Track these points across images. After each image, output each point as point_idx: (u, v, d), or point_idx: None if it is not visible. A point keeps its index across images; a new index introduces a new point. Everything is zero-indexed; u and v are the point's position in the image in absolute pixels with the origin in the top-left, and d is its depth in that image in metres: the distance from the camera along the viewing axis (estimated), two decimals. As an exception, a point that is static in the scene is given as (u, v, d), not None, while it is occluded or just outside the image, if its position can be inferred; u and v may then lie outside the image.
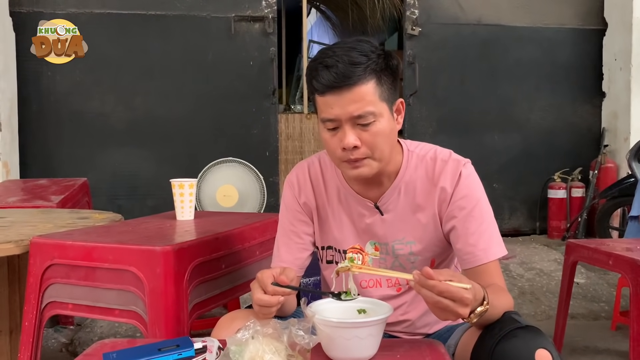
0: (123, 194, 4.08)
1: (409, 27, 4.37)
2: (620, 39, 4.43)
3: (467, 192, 1.21)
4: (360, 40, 1.16)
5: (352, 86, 1.10)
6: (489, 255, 1.19)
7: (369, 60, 1.12)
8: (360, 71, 1.10)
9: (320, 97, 1.14)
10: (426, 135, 4.38)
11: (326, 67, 1.11)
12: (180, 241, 1.41)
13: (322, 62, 1.12)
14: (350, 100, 1.11)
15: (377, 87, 1.13)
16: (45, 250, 1.46)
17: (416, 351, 1.04)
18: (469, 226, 1.20)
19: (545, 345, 1.01)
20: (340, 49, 1.13)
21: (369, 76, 1.11)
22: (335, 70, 1.10)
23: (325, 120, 1.15)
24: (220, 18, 4.17)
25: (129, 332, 2.64)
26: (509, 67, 4.55)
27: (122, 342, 1.11)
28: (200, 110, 4.18)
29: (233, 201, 3.11)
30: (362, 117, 1.12)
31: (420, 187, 1.24)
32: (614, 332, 2.64)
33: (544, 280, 3.40)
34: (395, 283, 1.29)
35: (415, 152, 1.27)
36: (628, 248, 2.05)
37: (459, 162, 1.24)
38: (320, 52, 1.16)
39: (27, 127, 3.95)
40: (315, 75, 1.13)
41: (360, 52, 1.12)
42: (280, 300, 1.08)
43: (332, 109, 1.13)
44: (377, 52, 1.14)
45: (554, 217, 4.44)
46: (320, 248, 1.35)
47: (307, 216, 1.32)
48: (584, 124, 4.66)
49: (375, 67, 1.12)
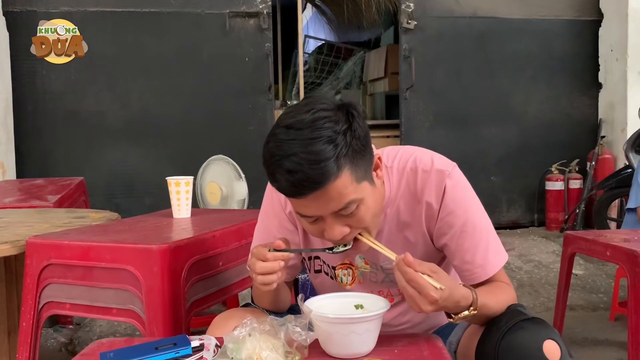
0: (120, 193, 4.07)
1: (404, 20, 4.36)
2: (616, 29, 4.42)
3: (454, 207, 1.12)
4: (317, 120, 0.95)
5: (325, 187, 0.95)
6: (487, 272, 1.13)
7: (337, 147, 0.94)
8: (331, 166, 0.93)
9: (289, 198, 1.02)
10: (423, 129, 4.38)
11: (288, 172, 0.93)
12: (177, 239, 1.41)
13: (280, 164, 0.94)
14: (326, 199, 0.97)
15: (353, 173, 0.98)
16: (42, 251, 1.46)
17: (414, 346, 1.04)
18: (462, 243, 1.12)
19: (552, 337, 1.01)
20: (298, 143, 0.93)
21: (342, 167, 0.95)
22: (300, 176, 0.93)
23: (302, 216, 1.04)
24: (214, 14, 4.15)
25: (127, 331, 2.64)
26: (505, 60, 4.54)
27: (119, 341, 1.11)
28: (196, 107, 4.17)
29: (217, 199, 3.11)
30: (345, 209, 1.00)
31: (404, 205, 1.15)
32: (613, 323, 2.65)
33: (543, 272, 3.40)
34: (387, 294, 1.24)
35: (395, 167, 1.15)
36: (626, 239, 2.04)
37: (443, 172, 1.12)
38: (274, 145, 0.95)
39: (23, 126, 3.94)
40: (275, 179, 0.96)
41: (323, 140, 0.93)
42: (281, 265, 1.04)
43: (307, 209, 1.01)
44: (343, 129, 0.96)
45: (552, 209, 4.45)
46: (307, 259, 1.29)
47: (293, 225, 1.23)
48: (580, 116, 4.66)
49: (347, 152, 0.95)
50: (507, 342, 1.02)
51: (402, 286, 0.97)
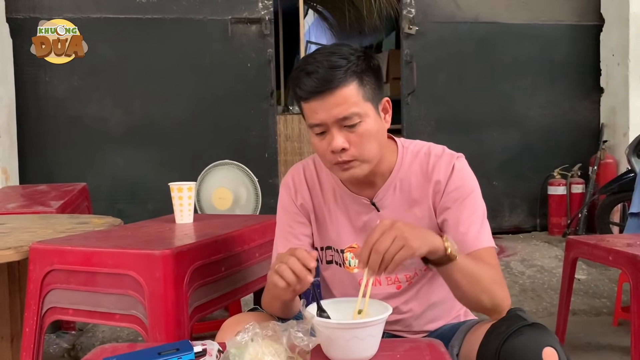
0: (123, 198, 4.08)
1: (406, 26, 4.37)
2: (617, 34, 4.43)
3: (460, 184, 1.23)
4: (341, 45, 1.18)
5: (334, 89, 1.12)
6: (480, 242, 1.19)
7: (348, 62, 1.13)
8: (341, 74, 1.12)
9: (305, 104, 1.16)
10: (425, 134, 4.38)
11: (307, 74, 1.13)
12: (180, 245, 1.41)
13: (304, 69, 1.14)
14: (333, 103, 1.12)
15: (360, 88, 1.14)
16: (45, 256, 1.46)
17: (416, 351, 1.04)
18: (459, 215, 1.21)
19: (552, 343, 1.02)
20: (320, 55, 1.14)
21: (350, 78, 1.13)
22: (316, 75, 1.12)
23: (312, 126, 1.17)
24: (216, 20, 4.17)
25: (130, 336, 2.64)
26: (506, 65, 4.55)
27: (122, 346, 1.11)
28: (198, 113, 4.19)
29: (227, 204, 3.12)
30: (348, 119, 1.13)
31: (415, 182, 1.26)
32: (616, 328, 2.64)
33: (545, 277, 3.40)
34: (395, 280, 1.29)
35: (410, 149, 1.29)
36: (628, 244, 2.04)
37: (452, 155, 1.26)
38: (301, 60, 1.18)
39: (26, 132, 3.95)
40: (297, 82, 1.15)
41: (339, 55, 1.13)
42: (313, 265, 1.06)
43: (317, 114, 1.14)
44: (357, 54, 1.15)
45: (554, 214, 4.44)
46: (320, 249, 1.35)
47: (304, 217, 1.33)
48: (582, 120, 4.66)
49: (356, 69, 1.13)
50: (508, 348, 1.02)
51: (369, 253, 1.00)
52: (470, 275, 1.11)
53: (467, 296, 1.14)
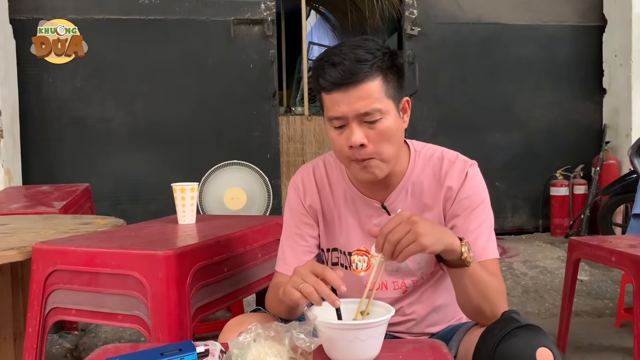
0: (126, 199, 4.09)
1: (408, 27, 4.37)
2: (620, 35, 4.42)
3: (471, 192, 1.22)
4: (366, 39, 1.16)
5: (358, 83, 1.10)
6: (487, 253, 1.18)
7: (375, 57, 1.12)
8: (367, 68, 1.10)
9: (326, 95, 1.14)
10: (427, 135, 4.38)
11: (332, 65, 1.11)
12: (182, 245, 1.41)
13: (329, 60, 1.12)
14: (357, 97, 1.11)
15: (384, 85, 1.13)
16: (48, 257, 1.47)
17: (419, 352, 1.04)
18: (469, 224, 1.20)
19: (546, 344, 1.01)
20: (347, 47, 1.13)
21: (375, 73, 1.11)
22: (342, 67, 1.10)
23: (332, 119, 1.15)
24: (219, 22, 4.18)
25: (133, 337, 2.64)
26: (509, 66, 4.54)
27: (125, 347, 1.11)
28: (201, 114, 4.19)
29: (241, 204, 3.13)
30: (369, 115, 1.12)
31: (428, 187, 1.25)
32: (619, 329, 2.64)
33: (548, 278, 3.39)
34: (401, 285, 1.28)
35: (422, 152, 1.27)
36: (631, 245, 2.04)
37: (466, 162, 1.25)
38: (326, 51, 1.16)
39: (29, 133, 3.96)
40: (321, 73, 1.13)
41: (366, 50, 1.12)
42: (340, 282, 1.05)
43: (338, 107, 1.12)
44: (383, 50, 1.14)
45: (557, 215, 4.43)
46: (326, 250, 1.34)
47: (312, 219, 1.32)
48: (585, 121, 4.65)
49: (382, 65, 1.12)
50: (502, 350, 1.02)
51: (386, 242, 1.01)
52: (478, 283, 1.11)
53: (470, 302, 1.14)
